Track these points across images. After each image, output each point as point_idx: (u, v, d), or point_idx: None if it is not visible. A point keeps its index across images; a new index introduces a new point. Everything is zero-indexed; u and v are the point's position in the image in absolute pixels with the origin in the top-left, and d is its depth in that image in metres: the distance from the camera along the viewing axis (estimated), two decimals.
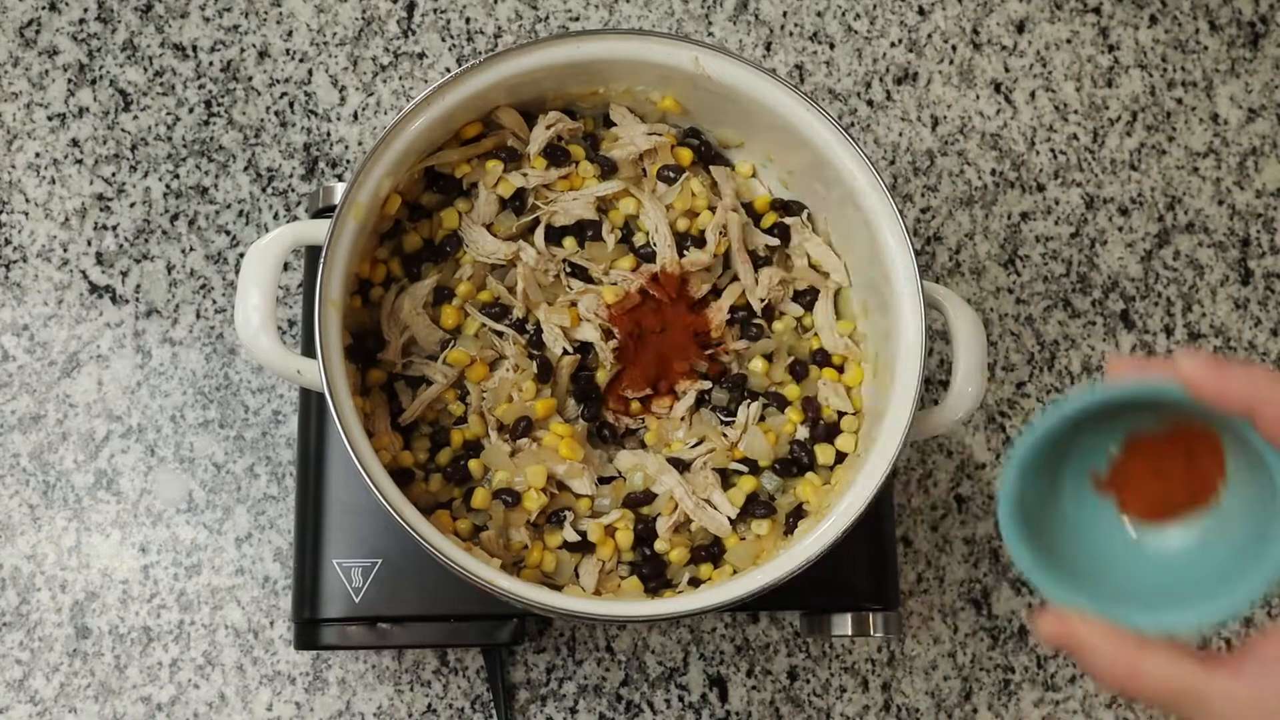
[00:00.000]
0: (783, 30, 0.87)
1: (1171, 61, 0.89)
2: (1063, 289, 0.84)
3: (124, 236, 0.78)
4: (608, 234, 0.67)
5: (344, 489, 0.66)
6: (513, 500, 0.62)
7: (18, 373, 0.76)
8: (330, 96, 0.82)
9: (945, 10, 0.88)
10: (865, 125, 0.86)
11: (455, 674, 0.74)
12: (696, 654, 0.76)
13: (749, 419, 0.66)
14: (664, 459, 0.65)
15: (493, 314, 0.66)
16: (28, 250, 0.78)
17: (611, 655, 0.75)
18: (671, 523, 0.63)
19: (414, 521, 0.57)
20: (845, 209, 0.65)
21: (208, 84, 0.81)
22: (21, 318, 0.77)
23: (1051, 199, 0.86)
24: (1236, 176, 0.88)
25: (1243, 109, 0.89)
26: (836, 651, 0.77)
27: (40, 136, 0.79)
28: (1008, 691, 0.78)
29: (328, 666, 0.73)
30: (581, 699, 0.75)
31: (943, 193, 0.85)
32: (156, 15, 0.82)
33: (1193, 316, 0.85)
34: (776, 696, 0.76)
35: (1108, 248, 0.86)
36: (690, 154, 0.69)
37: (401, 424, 0.64)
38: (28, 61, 0.80)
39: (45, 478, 0.75)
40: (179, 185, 0.79)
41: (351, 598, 0.65)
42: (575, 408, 0.66)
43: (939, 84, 0.87)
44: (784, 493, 0.65)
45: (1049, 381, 0.83)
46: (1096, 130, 0.88)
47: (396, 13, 0.84)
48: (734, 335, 0.68)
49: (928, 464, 0.80)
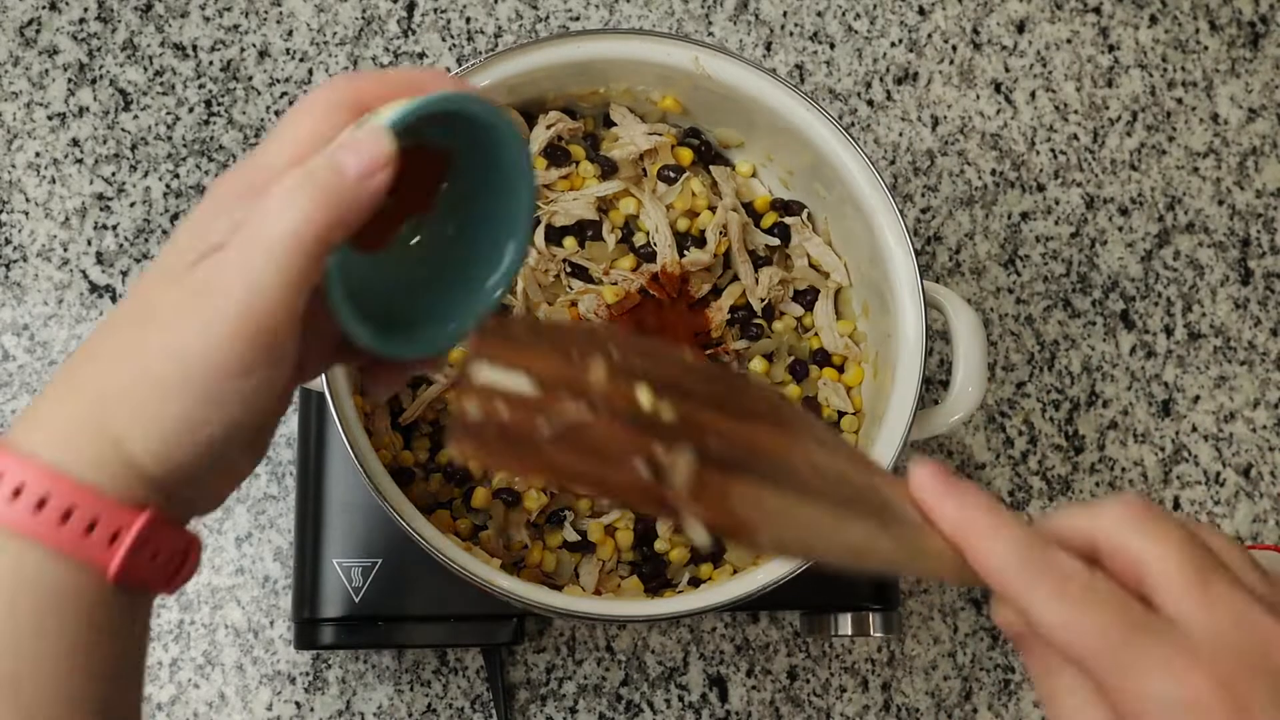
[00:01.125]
0: (783, 30, 0.87)
1: (1171, 61, 0.89)
2: (1063, 289, 0.84)
3: (124, 236, 0.78)
4: (608, 234, 0.67)
5: (344, 489, 0.66)
6: (513, 500, 0.62)
7: (18, 373, 0.76)
8: None
9: (945, 10, 0.88)
10: (865, 125, 0.86)
11: (455, 674, 0.74)
12: (696, 654, 0.76)
13: None
14: None
15: None
16: (28, 250, 0.78)
17: (611, 655, 0.75)
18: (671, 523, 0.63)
19: (414, 521, 0.57)
20: (845, 209, 0.65)
21: (208, 84, 0.81)
22: (21, 317, 0.77)
23: (1052, 199, 0.86)
24: (1236, 176, 0.88)
25: (1243, 109, 0.89)
26: (836, 651, 0.77)
27: (40, 136, 0.79)
28: (1008, 691, 0.78)
29: (328, 666, 0.73)
30: (581, 699, 0.75)
31: (943, 193, 0.85)
32: (156, 15, 0.82)
33: (1193, 316, 0.85)
34: (776, 696, 0.76)
35: (1108, 248, 0.86)
36: (690, 154, 0.69)
37: (401, 424, 0.64)
38: (28, 61, 0.80)
39: None
40: (179, 185, 0.79)
41: (351, 597, 0.65)
42: None
43: (939, 84, 0.87)
44: None
45: (1049, 381, 0.83)
46: (1097, 130, 0.88)
47: (396, 12, 0.84)
48: (734, 335, 0.68)
49: None
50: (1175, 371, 0.84)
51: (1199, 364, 0.84)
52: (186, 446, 0.37)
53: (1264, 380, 0.85)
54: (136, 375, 0.37)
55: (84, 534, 0.36)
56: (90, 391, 0.37)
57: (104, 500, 0.36)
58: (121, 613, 0.37)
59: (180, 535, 0.39)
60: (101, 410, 0.37)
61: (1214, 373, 0.84)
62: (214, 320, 0.36)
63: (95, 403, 0.37)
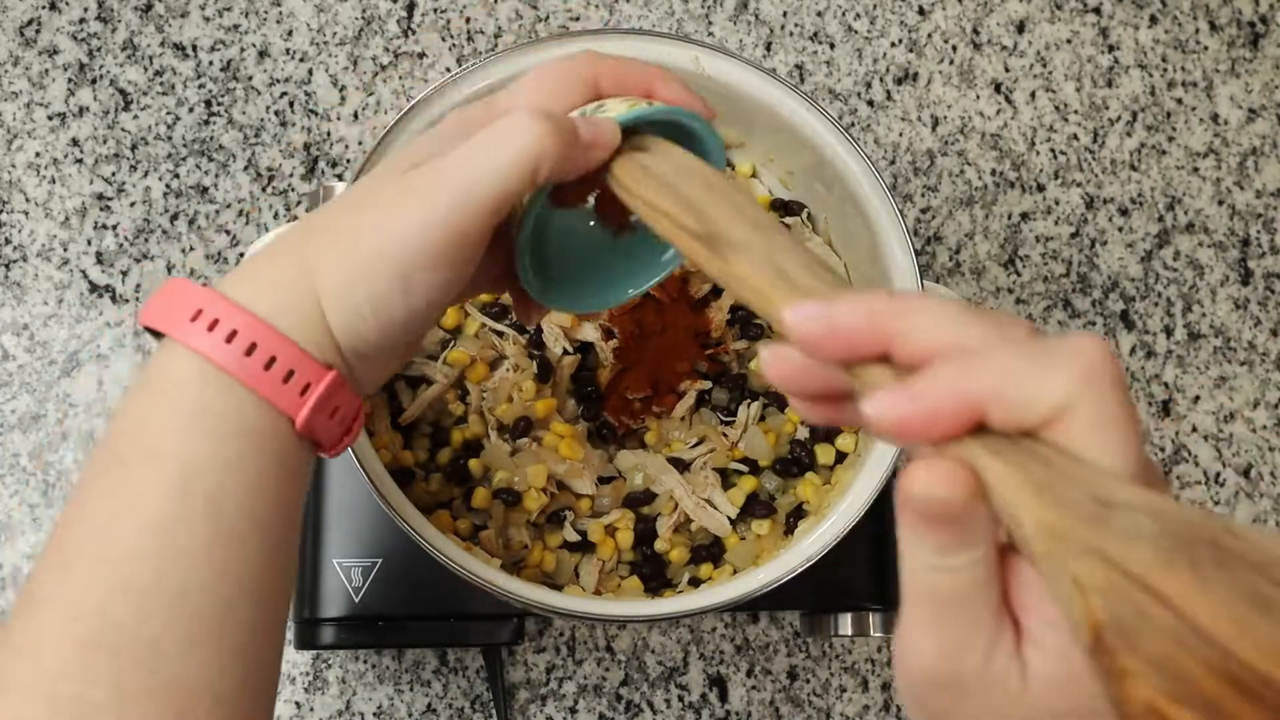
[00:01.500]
0: (783, 30, 0.87)
1: (1171, 61, 0.89)
2: (1063, 289, 0.84)
3: (124, 236, 0.78)
4: None
5: (344, 489, 0.66)
6: (513, 500, 0.62)
7: (18, 372, 0.76)
8: (330, 96, 0.82)
9: (945, 10, 0.88)
10: (865, 125, 0.86)
11: (455, 674, 0.74)
12: (696, 654, 0.76)
13: (749, 419, 0.66)
14: (664, 459, 0.65)
15: (493, 314, 0.66)
16: (28, 250, 0.77)
17: (611, 655, 0.75)
18: (671, 523, 0.63)
19: (414, 521, 0.57)
20: (845, 209, 0.65)
21: (208, 83, 0.81)
22: (21, 317, 0.76)
23: (1051, 199, 0.86)
24: (1236, 176, 0.88)
25: (1243, 109, 0.89)
26: (836, 651, 0.77)
27: (40, 136, 0.79)
28: None
29: (327, 666, 0.73)
30: (581, 699, 0.75)
31: (943, 193, 0.85)
32: (156, 15, 0.82)
33: (1193, 316, 0.85)
34: (776, 696, 0.76)
35: (1108, 248, 0.86)
36: None
37: (401, 424, 0.64)
38: (28, 61, 0.80)
39: (45, 478, 0.75)
40: (179, 185, 0.79)
41: (351, 597, 0.65)
42: (575, 408, 0.66)
43: (939, 84, 0.87)
44: (784, 493, 0.65)
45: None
46: (1096, 130, 0.88)
47: (396, 12, 0.84)
48: (734, 335, 0.68)
49: None
50: (1175, 371, 0.84)
51: (1199, 364, 0.84)
52: (371, 323, 0.41)
53: (1264, 380, 0.85)
54: (347, 251, 0.41)
55: (282, 382, 0.40)
56: (302, 259, 0.41)
57: (301, 354, 0.40)
58: (300, 459, 0.42)
59: (354, 400, 0.43)
60: (310, 277, 0.41)
61: (1214, 373, 0.84)
62: (426, 212, 0.40)
63: (305, 270, 0.41)
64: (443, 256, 0.40)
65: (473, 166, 0.40)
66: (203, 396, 0.39)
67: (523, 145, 0.40)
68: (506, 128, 0.41)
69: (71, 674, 0.37)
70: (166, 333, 0.40)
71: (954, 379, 0.30)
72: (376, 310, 0.41)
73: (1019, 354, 0.30)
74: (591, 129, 0.42)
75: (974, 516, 0.30)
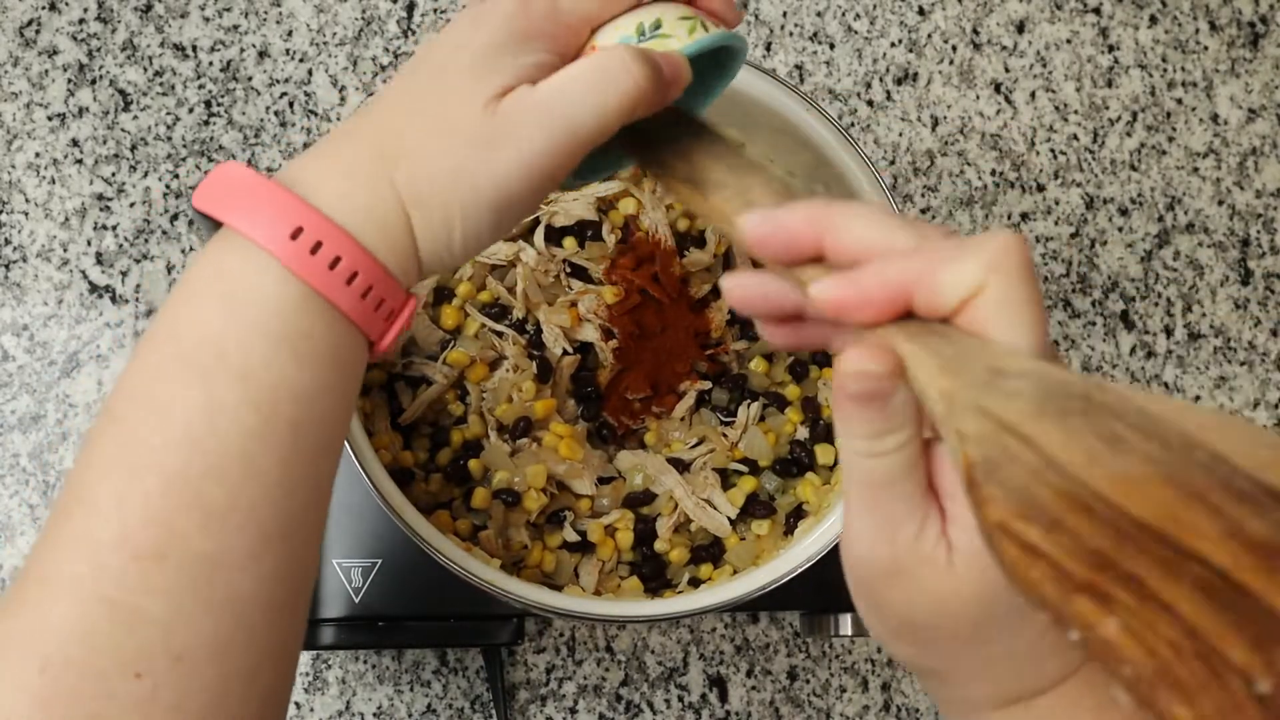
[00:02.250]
0: (783, 30, 0.87)
1: (1171, 61, 0.89)
2: (1063, 289, 0.84)
3: (124, 236, 0.78)
4: (608, 234, 0.67)
5: (344, 489, 0.66)
6: (513, 500, 0.62)
7: (18, 373, 0.76)
8: (330, 96, 0.82)
9: (945, 10, 0.88)
10: (865, 125, 0.86)
11: (455, 674, 0.74)
12: (696, 654, 0.76)
13: (749, 419, 0.66)
14: (664, 459, 0.65)
15: (493, 314, 0.66)
16: (28, 250, 0.77)
17: (611, 655, 0.75)
18: (671, 523, 0.63)
19: (414, 521, 0.57)
20: None
21: (208, 84, 0.81)
22: (21, 318, 0.77)
23: (1051, 199, 0.86)
24: (1236, 176, 0.88)
25: (1243, 109, 0.89)
26: (836, 651, 0.77)
27: (40, 136, 0.79)
28: None
29: (327, 666, 0.73)
30: (581, 699, 0.75)
31: (943, 193, 0.85)
32: (156, 15, 0.82)
33: (1193, 316, 0.85)
34: (776, 696, 0.76)
35: (1108, 248, 0.86)
36: None
37: (401, 424, 0.64)
38: (28, 61, 0.80)
39: (45, 478, 0.75)
40: (179, 185, 0.79)
41: (351, 598, 0.65)
42: (575, 408, 0.66)
43: (939, 84, 0.87)
44: (784, 493, 0.65)
45: None
46: (1096, 130, 0.88)
47: (396, 13, 0.84)
48: (734, 335, 0.68)
49: None
50: (1175, 372, 0.84)
51: (1199, 364, 0.84)
52: (459, 253, 0.43)
53: (1264, 380, 0.85)
54: (445, 188, 0.41)
55: (374, 309, 0.41)
56: (391, 181, 0.41)
57: (394, 283, 0.41)
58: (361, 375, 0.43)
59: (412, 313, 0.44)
60: (401, 203, 0.41)
61: (1214, 373, 0.84)
62: (525, 153, 0.41)
63: (395, 194, 0.41)
64: (539, 192, 0.42)
65: (575, 108, 0.41)
66: (296, 320, 0.39)
67: (626, 90, 0.41)
68: (609, 68, 0.41)
69: (130, 584, 0.37)
70: (266, 247, 0.39)
71: (885, 269, 0.35)
72: (466, 242, 0.42)
73: (940, 248, 0.34)
74: (673, 69, 0.43)
75: (896, 397, 0.34)
